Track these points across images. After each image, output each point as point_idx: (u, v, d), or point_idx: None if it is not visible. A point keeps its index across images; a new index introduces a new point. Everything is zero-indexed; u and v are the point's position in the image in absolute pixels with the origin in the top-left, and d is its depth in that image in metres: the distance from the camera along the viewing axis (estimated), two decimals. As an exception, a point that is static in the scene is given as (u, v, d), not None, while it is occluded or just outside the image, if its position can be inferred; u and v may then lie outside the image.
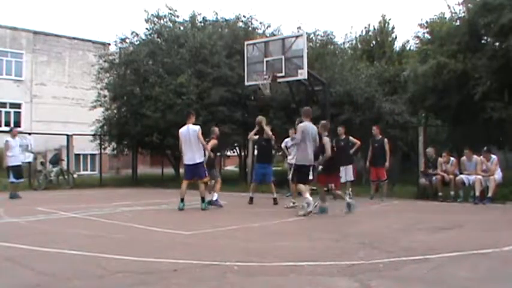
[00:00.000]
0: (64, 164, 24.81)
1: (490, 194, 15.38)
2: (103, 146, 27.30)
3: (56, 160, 24.36)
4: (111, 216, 12.38)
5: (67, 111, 38.49)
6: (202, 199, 13.72)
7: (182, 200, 13.54)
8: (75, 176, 25.36)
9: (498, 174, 15.76)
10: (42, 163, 24.48)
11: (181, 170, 27.88)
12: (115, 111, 27.34)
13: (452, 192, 16.29)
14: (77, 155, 32.53)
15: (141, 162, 30.79)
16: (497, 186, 15.58)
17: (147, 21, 26.98)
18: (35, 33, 39.78)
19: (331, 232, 9.87)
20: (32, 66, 39.20)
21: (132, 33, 27.30)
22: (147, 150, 28.53)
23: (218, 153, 19.69)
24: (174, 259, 7.10)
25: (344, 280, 6.09)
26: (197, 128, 13.60)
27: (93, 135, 27.39)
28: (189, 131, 13.59)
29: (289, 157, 19.03)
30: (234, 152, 32.10)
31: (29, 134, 24.99)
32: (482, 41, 20.29)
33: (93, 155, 36.01)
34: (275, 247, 8.35)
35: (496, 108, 17.98)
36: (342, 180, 17.39)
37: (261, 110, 23.40)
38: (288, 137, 18.89)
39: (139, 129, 24.55)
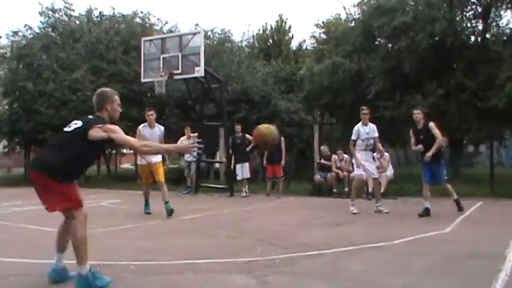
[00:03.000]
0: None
1: (382, 190, 15.84)
2: (-7, 144, 26.40)
3: None
4: (1, 217, 11.97)
5: (-45, 107, 36.94)
6: None
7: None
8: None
9: (390, 171, 16.30)
10: None
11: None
12: (6, 107, 26.48)
13: (346, 189, 16.67)
14: (-35, 153, 31.31)
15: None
16: (389, 182, 16.12)
17: (41, 14, 26.24)
18: None
19: (227, 229, 9.92)
20: None
21: (25, 26, 26.49)
22: (41, 147, 27.74)
23: None
24: (68, 260, 6.91)
25: (241, 277, 6.14)
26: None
27: (-17, 132, 26.45)
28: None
29: (186, 155, 19.04)
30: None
31: None
32: (376, 42, 20.91)
33: (-18, 153, 34.77)
34: (171, 245, 8.31)
35: (388, 107, 18.56)
36: (239, 177, 17.57)
37: (157, 108, 23.24)
38: (183, 135, 18.88)
39: (32, 126, 23.83)
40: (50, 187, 5.81)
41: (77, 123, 6.01)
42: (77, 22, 26.80)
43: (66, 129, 5.99)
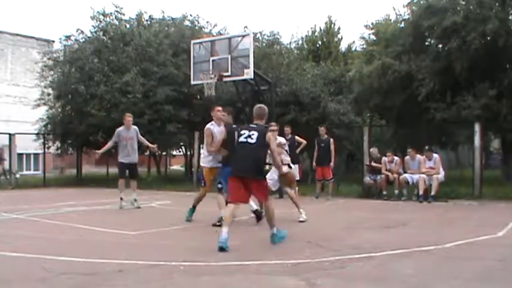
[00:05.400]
0: (6, 164, 24.30)
1: (433, 193, 15.65)
2: (47, 145, 26.81)
3: (-3, 160, 23.86)
4: (54, 217, 12.17)
5: (9, 110, 37.76)
6: None
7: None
8: (17, 176, 24.86)
9: (441, 173, 16.07)
10: (-18, 161, 23.94)
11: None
12: (59, 109, 26.95)
13: (396, 191, 16.52)
14: (20, 155, 31.91)
15: (85, 162, 30.37)
16: (439, 184, 15.88)
17: (92, 18, 26.62)
18: (-25, 28, 38.99)
19: (277, 231, 9.90)
20: (-28, 63, 38.40)
21: (77, 30, 26.91)
22: (92, 149, 28.17)
23: None
24: (119, 260, 7.03)
25: (290, 279, 6.13)
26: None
27: (37, 134, 26.94)
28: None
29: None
30: (179, 152, 31.95)
31: (-30, 132, 24.44)
32: (426, 43, 20.64)
33: (36, 155, 35.34)
34: (221, 246, 8.33)
35: (439, 108, 18.31)
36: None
37: (206, 110, 23.41)
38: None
39: (84, 128, 24.25)
40: (260, 185, 8.55)
41: (254, 134, 8.48)
42: (127, 26, 27.10)
43: (250, 140, 8.41)
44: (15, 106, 38.06)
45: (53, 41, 38.22)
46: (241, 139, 8.56)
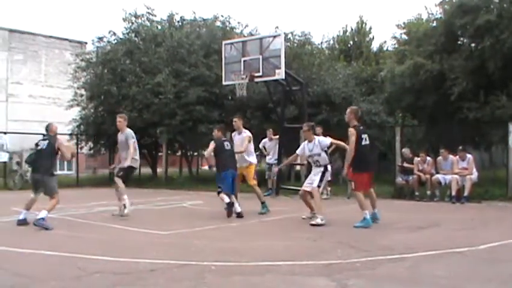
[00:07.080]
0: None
1: (466, 193, 15.48)
2: (80, 146, 27.08)
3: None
4: (87, 216, 12.30)
5: (43, 111, 38.16)
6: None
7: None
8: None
9: (474, 174, 15.89)
10: (18, 163, 24.16)
11: (159, 170, 27.89)
12: (92, 110, 27.20)
13: (428, 192, 16.38)
14: (53, 155, 32.18)
15: (118, 162, 30.58)
16: (473, 185, 15.71)
17: (124, 20, 26.82)
18: (11, 31, 39.51)
19: (308, 231, 9.87)
20: (7, 65, 38.92)
21: (109, 32, 27.16)
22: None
23: None
24: (151, 259, 7.08)
25: (321, 279, 6.11)
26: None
27: (70, 134, 27.17)
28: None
29: (267, 157, 19.09)
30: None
31: (5, 133, 24.70)
32: (459, 42, 20.45)
33: (69, 155, 35.58)
34: (252, 247, 8.35)
35: (472, 108, 18.13)
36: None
37: (238, 110, 23.43)
38: (265, 137, 18.91)
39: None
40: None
41: (366, 136, 10.90)
42: (159, 27, 27.25)
43: (366, 143, 10.85)
44: (49, 107, 38.47)
45: (86, 43, 38.64)
46: (364, 142, 10.76)
